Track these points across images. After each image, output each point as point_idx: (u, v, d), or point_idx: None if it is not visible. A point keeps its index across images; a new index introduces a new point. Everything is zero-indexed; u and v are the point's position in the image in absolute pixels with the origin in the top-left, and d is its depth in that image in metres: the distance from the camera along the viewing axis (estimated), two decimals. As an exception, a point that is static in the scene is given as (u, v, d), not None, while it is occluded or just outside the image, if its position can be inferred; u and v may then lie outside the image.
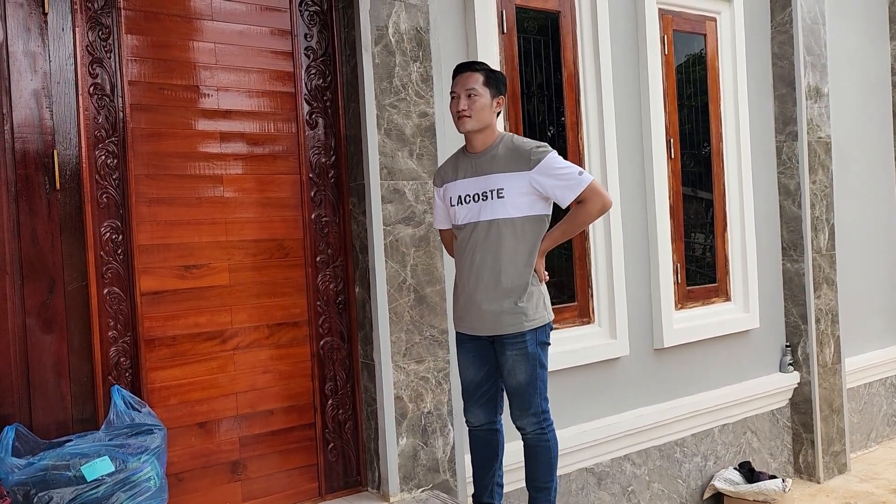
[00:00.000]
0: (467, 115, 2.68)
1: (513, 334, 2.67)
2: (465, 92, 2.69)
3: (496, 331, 2.69)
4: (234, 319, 2.94)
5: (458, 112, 2.70)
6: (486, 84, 2.70)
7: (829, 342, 4.81)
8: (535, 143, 2.70)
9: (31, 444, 2.43)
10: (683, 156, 4.38)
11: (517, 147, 2.70)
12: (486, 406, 2.82)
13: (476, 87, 2.69)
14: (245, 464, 2.95)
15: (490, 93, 2.71)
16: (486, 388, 2.80)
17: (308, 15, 3.12)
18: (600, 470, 3.91)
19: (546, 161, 2.64)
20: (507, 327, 2.68)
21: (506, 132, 2.82)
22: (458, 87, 2.72)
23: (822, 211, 4.79)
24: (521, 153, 2.67)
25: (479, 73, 2.72)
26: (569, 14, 3.86)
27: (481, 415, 2.83)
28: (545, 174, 2.63)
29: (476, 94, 2.68)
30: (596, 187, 2.67)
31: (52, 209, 2.60)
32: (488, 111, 2.71)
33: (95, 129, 2.67)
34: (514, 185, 2.65)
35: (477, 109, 2.68)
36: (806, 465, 4.76)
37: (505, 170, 2.67)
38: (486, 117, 2.71)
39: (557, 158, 2.67)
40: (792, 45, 4.70)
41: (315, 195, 3.12)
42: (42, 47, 2.58)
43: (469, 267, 2.73)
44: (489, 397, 2.82)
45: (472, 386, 2.81)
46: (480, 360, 2.78)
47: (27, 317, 2.55)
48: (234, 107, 2.95)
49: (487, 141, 2.74)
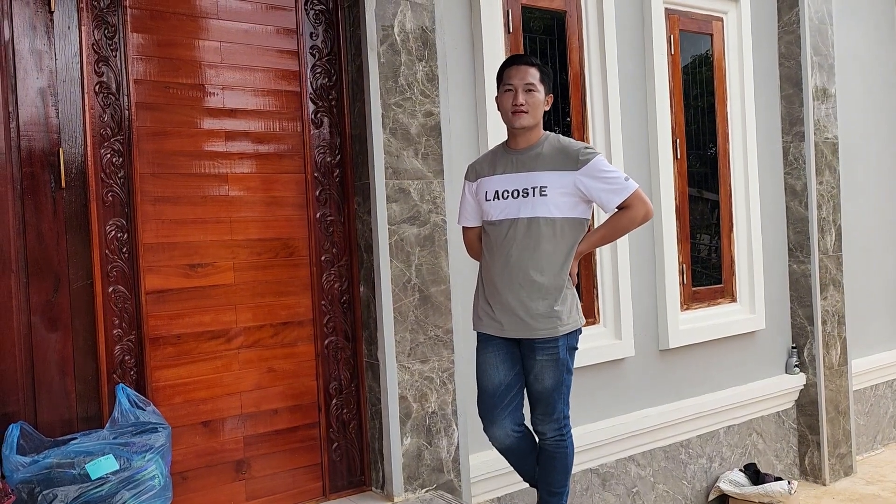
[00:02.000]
0: (525, 110, 2.60)
1: (545, 339, 2.60)
2: (524, 86, 2.61)
3: (528, 334, 2.61)
4: (239, 318, 2.94)
5: (515, 106, 2.61)
6: (541, 80, 2.64)
7: (836, 344, 4.79)
8: (583, 145, 2.65)
9: (35, 442, 2.43)
10: (689, 156, 4.36)
11: (564, 147, 2.64)
12: (514, 413, 2.71)
13: (534, 82, 2.62)
14: (249, 463, 2.95)
15: (544, 90, 2.66)
16: (514, 393, 2.70)
17: (314, 14, 3.12)
18: (605, 471, 3.89)
19: (593, 163, 2.58)
20: (540, 331, 2.60)
21: (550, 132, 2.75)
22: (516, 80, 2.62)
23: (829, 212, 4.76)
24: (568, 153, 2.61)
25: (535, 67, 2.65)
26: (575, 14, 3.85)
27: (508, 425, 2.70)
28: (591, 176, 2.57)
29: (534, 89, 2.61)
30: (641, 194, 2.61)
31: (57, 207, 2.60)
32: (542, 108, 2.66)
33: (101, 127, 2.67)
34: (557, 185, 2.58)
35: (533, 105, 2.62)
36: (812, 467, 4.74)
37: (550, 168, 2.60)
38: (540, 114, 2.66)
39: (605, 162, 2.62)
40: (799, 45, 4.68)
41: (320, 194, 3.12)
42: (48, 46, 2.59)
43: (503, 265, 2.64)
44: (516, 404, 2.71)
45: (500, 389, 2.68)
46: (511, 361, 2.68)
47: (32, 315, 2.56)
48: (240, 106, 2.95)
49: (532, 138, 2.67)
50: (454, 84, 3.37)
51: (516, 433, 2.75)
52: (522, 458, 2.80)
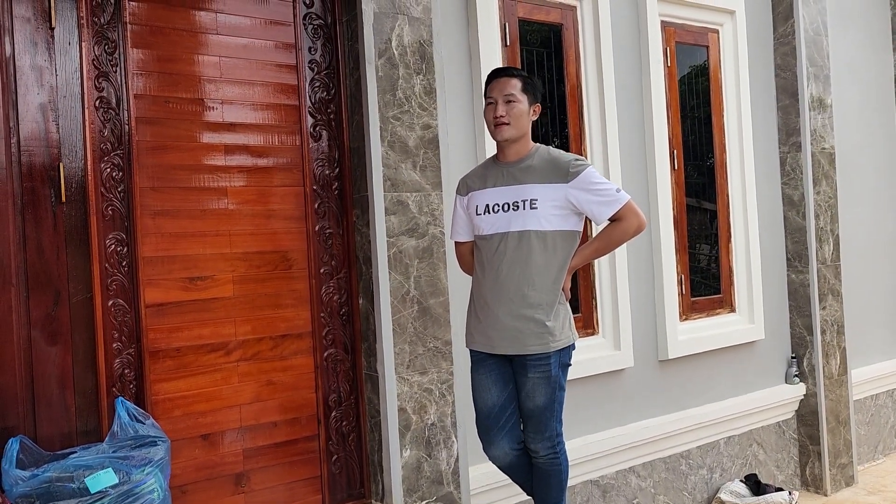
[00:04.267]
0: (505, 122, 2.57)
1: (537, 355, 2.56)
2: (503, 98, 2.58)
3: (519, 350, 2.58)
4: (238, 331, 2.95)
5: (495, 119, 2.58)
6: (524, 90, 2.60)
7: (835, 353, 4.79)
8: (574, 157, 2.61)
9: (35, 455, 2.43)
10: (687, 167, 4.38)
11: (555, 159, 2.60)
12: (511, 433, 2.68)
13: (514, 93, 2.58)
14: (249, 476, 2.95)
15: (528, 99, 2.61)
16: (510, 413, 2.66)
17: (312, 28, 3.14)
18: (605, 482, 3.89)
19: (584, 175, 2.54)
20: (531, 347, 2.56)
21: (541, 143, 2.72)
22: (495, 92, 2.60)
23: (827, 221, 4.78)
24: (558, 165, 2.57)
25: (517, 78, 2.61)
26: (571, 27, 3.88)
27: (507, 445, 2.67)
28: (582, 188, 2.54)
29: (515, 100, 2.58)
30: (633, 206, 2.58)
31: (57, 221, 2.61)
32: (526, 119, 2.61)
33: (101, 142, 2.69)
34: (548, 197, 2.55)
35: (515, 116, 2.58)
36: (813, 478, 4.73)
37: (540, 181, 2.56)
38: (524, 125, 2.61)
39: (596, 173, 2.58)
40: (794, 56, 4.71)
41: (319, 207, 3.13)
42: (49, 61, 2.61)
43: (493, 280, 2.61)
44: (513, 424, 2.67)
45: (494, 410, 2.66)
46: (503, 380, 2.65)
47: (32, 328, 2.56)
48: (239, 119, 2.97)
49: (522, 151, 2.64)
50: (452, 97, 3.40)
51: (515, 451, 2.73)
52: (523, 473, 2.79)
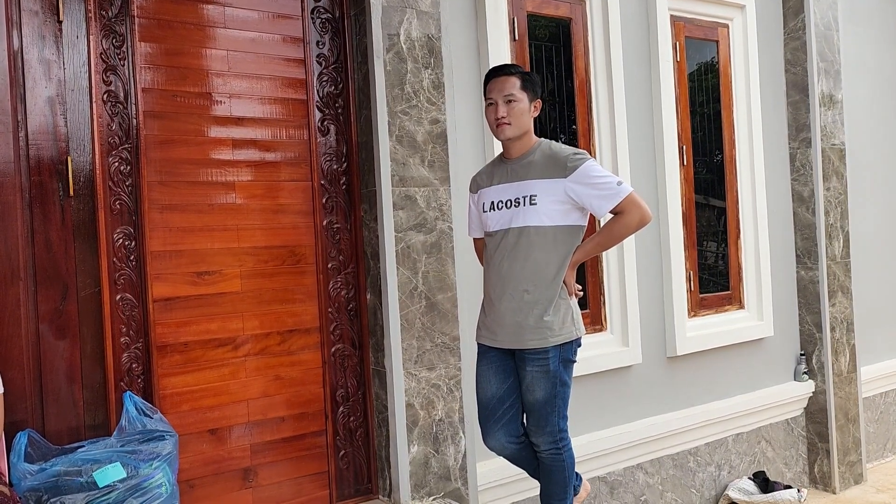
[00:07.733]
0: (507, 122, 2.59)
1: (535, 349, 2.56)
2: (503, 98, 2.59)
3: (518, 344, 2.59)
4: (246, 326, 2.94)
5: (497, 119, 2.60)
6: (523, 88, 2.61)
7: (845, 351, 4.76)
8: (573, 150, 2.60)
9: (43, 449, 2.43)
10: (696, 163, 4.36)
11: (554, 153, 2.60)
12: (508, 425, 2.67)
13: (514, 92, 2.59)
14: (256, 471, 2.95)
15: (528, 97, 2.62)
16: (508, 406, 2.67)
17: (320, 22, 3.13)
18: (613, 479, 3.87)
19: (582, 169, 2.53)
20: (529, 341, 2.57)
21: (543, 138, 2.73)
22: (495, 93, 2.61)
23: (837, 218, 4.75)
24: (557, 160, 2.57)
25: (516, 76, 2.62)
26: (580, 21, 3.86)
27: (503, 437, 2.68)
28: (581, 182, 2.53)
29: (514, 99, 2.59)
30: (635, 199, 2.55)
31: (65, 216, 2.61)
32: (527, 116, 2.62)
33: (109, 136, 2.69)
34: (548, 193, 2.55)
35: (516, 115, 2.59)
36: (821, 475, 4.71)
37: (540, 176, 2.57)
38: (525, 123, 2.62)
39: (595, 167, 2.56)
40: (805, 51, 4.68)
41: (327, 202, 3.12)
42: (57, 55, 2.60)
43: (496, 275, 2.63)
44: (510, 417, 2.68)
45: (492, 402, 2.67)
46: (504, 373, 2.66)
47: (40, 323, 2.56)
48: (247, 114, 2.96)
49: (524, 147, 2.65)
50: (460, 91, 3.38)
51: (513, 444, 2.72)
52: (528, 463, 2.79)
